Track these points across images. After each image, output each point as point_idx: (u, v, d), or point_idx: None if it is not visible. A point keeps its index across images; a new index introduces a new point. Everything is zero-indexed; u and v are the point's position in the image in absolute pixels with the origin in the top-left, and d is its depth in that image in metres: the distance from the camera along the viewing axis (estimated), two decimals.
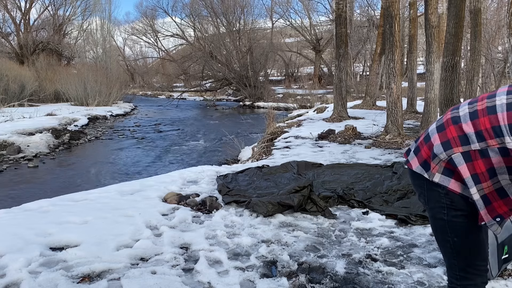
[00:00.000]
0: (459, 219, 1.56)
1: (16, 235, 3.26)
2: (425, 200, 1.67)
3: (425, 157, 1.60)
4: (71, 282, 2.67)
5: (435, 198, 1.60)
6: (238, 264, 2.98)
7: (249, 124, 15.51)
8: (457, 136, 1.48)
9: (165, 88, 38.45)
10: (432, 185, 1.57)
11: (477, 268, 1.62)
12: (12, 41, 29.36)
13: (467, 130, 1.46)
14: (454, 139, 1.48)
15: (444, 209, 1.57)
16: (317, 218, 3.93)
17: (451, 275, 1.68)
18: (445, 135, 1.53)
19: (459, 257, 1.63)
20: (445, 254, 1.70)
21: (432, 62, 9.06)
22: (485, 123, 1.41)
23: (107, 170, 8.79)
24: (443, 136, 1.53)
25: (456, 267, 1.65)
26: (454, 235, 1.59)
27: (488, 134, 1.39)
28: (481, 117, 1.44)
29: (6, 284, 2.64)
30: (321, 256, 3.12)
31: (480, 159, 1.42)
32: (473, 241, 1.60)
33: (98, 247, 3.12)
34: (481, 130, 1.41)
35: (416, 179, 1.68)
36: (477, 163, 1.43)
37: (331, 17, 31.45)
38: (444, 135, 1.53)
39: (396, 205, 4.26)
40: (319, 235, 3.55)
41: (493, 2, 14.81)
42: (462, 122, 1.49)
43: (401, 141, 7.95)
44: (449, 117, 1.57)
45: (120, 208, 4.05)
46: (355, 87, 24.15)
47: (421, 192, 1.67)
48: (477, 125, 1.43)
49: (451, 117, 1.56)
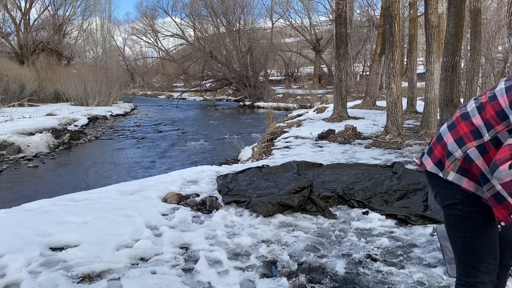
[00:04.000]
0: (472, 215, 1.58)
1: (16, 235, 3.26)
2: (441, 199, 1.68)
3: (439, 156, 1.63)
4: (71, 282, 2.67)
5: (451, 195, 1.62)
6: (238, 264, 2.98)
7: (249, 124, 15.50)
8: (469, 131, 1.51)
9: (165, 88, 38.52)
10: (448, 183, 1.60)
11: (486, 266, 1.62)
12: (12, 41, 29.35)
13: (477, 123, 1.49)
14: (466, 134, 1.51)
15: (459, 205, 1.59)
16: (317, 218, 3.93)
17: (460, 272, 1.69)
18: (457, 132, 1.55)
19: (469, 254, 1.64)
20: (456, 251, 1.72)
21: (432, 62, 9.06)
22: (489, 111, 1.45)
23: (107, 170, 8.79)
24: (455, 134, 1.56)
25: (465, 263, 1.66)
26: (466, 231, 1.61)
27: (494, 121, 1.43)
28: (486, 108, 1.48)
29: (6, 284, 2.64)
30: (321, 256, 3.12)
31: (494, 149, 1.44)
32: (484, 238, 1.61)
33: (98, 247, 3.12)
34: (487, 119, 1.45)
35: (432, 178, 1.70)
36: (492, 153, 1.45)
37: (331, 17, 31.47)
38: (456, 133, 1.55)
39: (396, 205, 4.26)
40: (319, 235, 3.55)
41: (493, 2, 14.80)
42: (471, 117, 1.52)
43: (401, 141, 7.96)
44: (458, 115, 1.60)
45: (120, 208, 4.05)
46: (355, 87, 24.15)
47: (438, 191, 1.69)
48: (484, 116, 1.47)
49: (460, 115, 1.59)
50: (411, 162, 6.31)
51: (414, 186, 4.70)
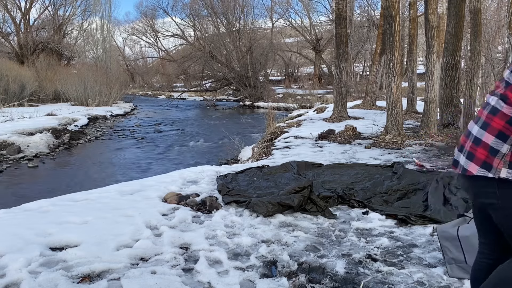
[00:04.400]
0: None
1: (16, 235, 3.26)
2: (497, 200, 1.57)
3: (483, 158, 1.58)
4: (71, 282, 2.67)
5: (509, 193, 1.55)
6: (238, 264, 2.98)
7: (249, 124, 15.52)
8: (505, 122, 1.51)
9: (165, 88, 38.53)
10: (502, 181, 1.54)
11: None
12: (12, 41, 29.37)
13: (510, 112, 1.50)
14: (504, 127, 1.51)
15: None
16: (317, 218, 3.93)
17: None
18: (494, 128, 1.54)
19: None
20: None
21: (432, 62, 9.05)
22: (509, 96, 1.49)
23: (107, 170, 8.79)
24: (493, 130, 1.55)
25: None
26: None
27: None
28: (508, 95, 1.51)
29: (6, 284, 2.64)
30: (321, 256, 3.12)
31: None
32: None
33: (98, 247, 3.12)
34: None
35: (479, 181, 1.62)
36: None
37: (331, 17, 31.46)
38: (493, 129, 1.54)
39: (396, 205, 4.26)
40: (319, 235, 3.55)
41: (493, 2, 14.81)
42: (501, 109, 1.53)
43: (401, 141, 7.96)
44: (486, 113, 1.60)
45: (120, 208, 4.05)
46: (355, 87, 24.16)
47: (491, 193, 1.59)
48: (510, 104, 1.49)
49: (488, 112, 1.59)
50: (411, 162, 6.32)
51: (414, 186, 4.70)
